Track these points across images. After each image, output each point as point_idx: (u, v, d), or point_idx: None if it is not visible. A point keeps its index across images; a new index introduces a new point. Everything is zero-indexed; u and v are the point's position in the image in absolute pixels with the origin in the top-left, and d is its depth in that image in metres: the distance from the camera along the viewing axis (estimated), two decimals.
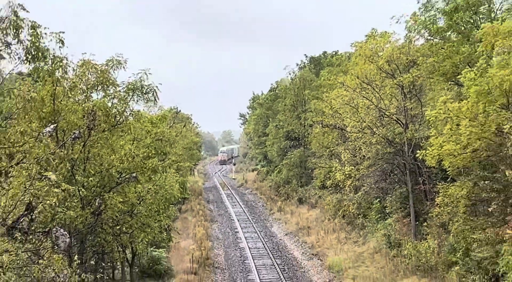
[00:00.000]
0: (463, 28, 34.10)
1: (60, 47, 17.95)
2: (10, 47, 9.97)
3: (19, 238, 11.04)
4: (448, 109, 27.18)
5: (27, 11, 9.85)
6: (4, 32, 9.74)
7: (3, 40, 9.88)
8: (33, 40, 10.17)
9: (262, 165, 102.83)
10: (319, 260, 40.51)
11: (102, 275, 24.35)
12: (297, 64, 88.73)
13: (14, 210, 11.64)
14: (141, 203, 23.66)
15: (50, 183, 12.62)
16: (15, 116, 11.79)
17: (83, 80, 21.09)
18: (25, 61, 10.27)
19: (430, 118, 28.93)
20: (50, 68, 19.62)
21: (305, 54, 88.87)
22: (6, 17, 9.66)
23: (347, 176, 43.09)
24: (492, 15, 33.73)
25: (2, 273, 11.73)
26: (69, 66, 20.34)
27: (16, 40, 9.86)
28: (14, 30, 9.66)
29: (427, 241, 32.85)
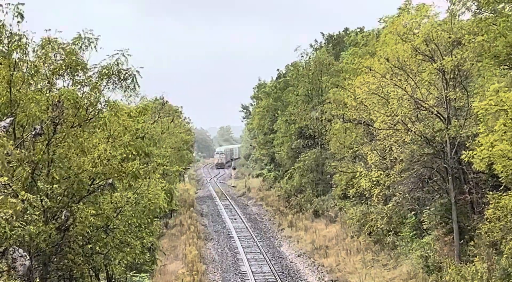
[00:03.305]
0: None
1: (18, 22, 17.98)
2: None
3: None
4: (502, 100, 27.11)
5: None
6: None
7: None
8: None
9: (269, 169, 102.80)
10: None
11: None
12: (311, 45, 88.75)
13: None
14: (119, 216, 23.66)
15: (6, 191, 12.63)
16: None
17: (47, 63, 21.07)
18: None
19: (478, 111, 28.85)
20: (6, 48, 19.66)
21: (322, 33, 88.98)
22: None
23: (374, 183, 43.03)
24: None
25: None
26: (30, 46, 20.36)
27: None
28: None
29: (474, 264, 32.77)
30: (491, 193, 31.40)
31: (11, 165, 16.20)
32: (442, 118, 38.27)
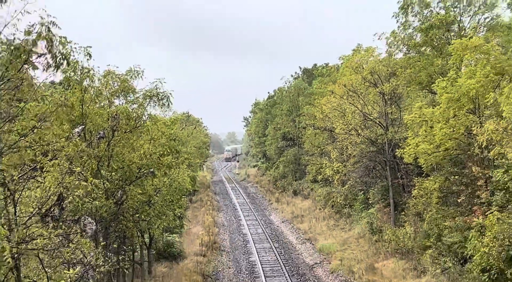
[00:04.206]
0: (436, 43, 34.15)
1: (87, 59, 17.95)
2: (42, 58, 9.92)
3: (51, 224, 11.02)
4: (423, 113, 27.21)
5: (59, 28, 9.79)
6: (38, 44, 9.70)
7: (37, 52, 9.83)
8: (63, 52, 10.12)
9: (262, 162, 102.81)
10: (311, 244, 40.48)
11: (124, 256, 24.31)
12: (292, 75, 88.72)
13: (47, 201, 11.62)
14: (158, 194, 23.67)
15: (79, 177, 12.61)
16: (48, 119, 11.79)
17: (107, 88, 21.09)
18: (55, 70, 10.21)
19: (407, 121, 28.96)
20: (79, 78, 19.66)
21: (299, 66, 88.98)
22: (38, 32, 9.62)
23: (335, 171, 43.13)
24: (462, 32, 33.76)
25: (36, 255, 11.71)
26: (95, 76, 20.37)
27: (48, 52, 9.80)
28: (47, 43, 9.61)
29: (404, 228, 32.84)
30: (416, 178, 31.53)
31: (83, 159, 16.17)
32: (382, 126, 38.37)
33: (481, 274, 20.91)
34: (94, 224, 18.59)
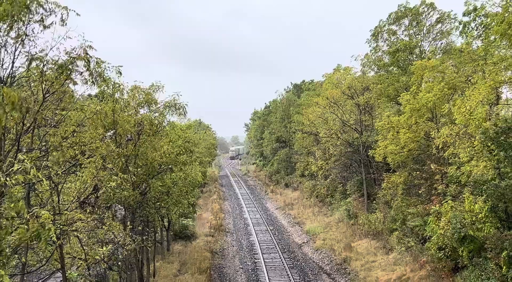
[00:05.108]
0: (401, 64, 34.21)
1: (118, 76, 17.94)
2: (81, 75, 9.93)
3: (88, 210, 11.01)
4: (391, 121, 27.24)
5: (95, 50, 9.81)
6: (78, 63, 9.73)
7: (77, 71, 9.85)
8: (99, 70, 10.14)
9: (260, 160, 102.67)
10: (299, 227, 40.47)
11: (147, 237, 24.26)
12: (284, 89, 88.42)
13: (85, 191, 11.61)
14: (175, 186, 23.61)
15: (111, 172, 12.60)
16: (86, 124, 11.79)
17: (134, 99, 21.06)
18: (92, 85, 10.23)
19: (378, 127, 28.99)
20: (111, 91, 19.65)
21: (291, 82, 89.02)
22: (79, 54, 9.65)
23: (319, 168, 43.12)
24: (422, 55, 33.82)
25: (77, 235, 11.70)
26: (124, 90, 20.35)
27: (87, 70, 9.81)
28: (85, 63, 9.62)
29: (375, 214, 32.84)
30: (385, 173, 31.52)
31: (114, 157, 16.15)
32: (358, 131, 38.40)
33: (437, 251, 20.93)
34: (123, 210, 18.56)
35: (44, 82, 9.79)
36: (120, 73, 14.96)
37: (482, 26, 17.02)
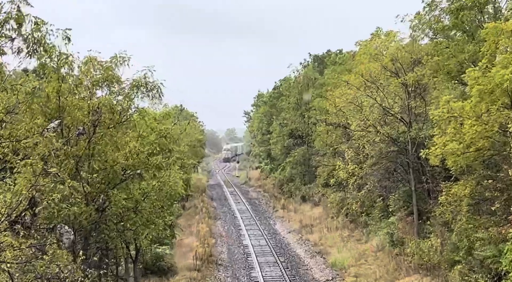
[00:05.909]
0: (468, 27, 33.93)
1: (66, 44, 17.91)
2: (13, 42, 9.86)
3: (22, 233, 11.00)
4: (452, 108, 27.06)
5: (31, 6, 9.74)
6: (6, 26, 9.64)
7: (5, 35, 9.79)
8: (36, 35, 10.07)
9: (266, 163, 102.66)
10: (322, 257, 40.46)
11: (106, 271, 24.30)
12: (301, 63, 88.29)
13: (18, 206, 11.61)
14: (145, 199, 23.63)
15: (55, 179, 12.59)
16: (19, 111, 11.76)
17: (88, 77, 21.05)
18: (28, 57, 10.14)
19: (434, 117, 28.80)
20: (56, 65, 19.63)
21: (309, 53, 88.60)
22: (6, 11, 9.57)
23: (350, 174, 42.97)
24: (497, 14, 33.56)
25: (5, 269, 11.69)
26: (75, 63, 20.34)
27: (19, 35, 9.75)
28: (17, 25, 9.55)
29: (430, 240, 32.73)
30: (443, 183, 31.42)
31: (59, 159, 16.16)
32: (404, 122, 38.26)
33: None
34: (72, 233, 18.57)
35: None
36: (69, 39, 14.96)
37: None
